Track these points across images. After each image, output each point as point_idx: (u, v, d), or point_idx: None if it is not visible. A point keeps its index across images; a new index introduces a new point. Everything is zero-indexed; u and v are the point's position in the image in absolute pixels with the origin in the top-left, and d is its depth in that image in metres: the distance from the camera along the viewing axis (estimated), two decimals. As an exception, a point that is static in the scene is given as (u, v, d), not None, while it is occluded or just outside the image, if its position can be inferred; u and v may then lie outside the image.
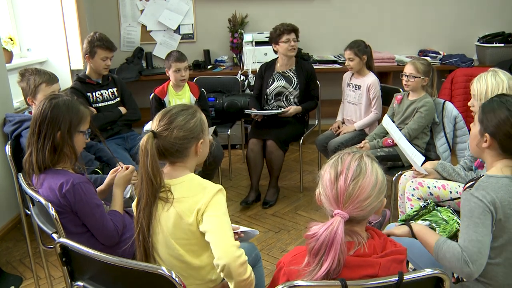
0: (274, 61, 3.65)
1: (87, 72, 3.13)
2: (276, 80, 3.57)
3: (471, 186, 1.56)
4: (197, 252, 1.50)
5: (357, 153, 1.23)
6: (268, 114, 3.46)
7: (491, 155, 1.61)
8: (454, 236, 1.82)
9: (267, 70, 3.65)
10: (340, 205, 1.17)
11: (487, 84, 2.17)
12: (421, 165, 2.48)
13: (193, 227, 1.45)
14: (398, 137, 2.66)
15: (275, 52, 3.59)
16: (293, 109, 3.46)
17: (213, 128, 3.19)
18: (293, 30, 3.47)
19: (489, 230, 1.47)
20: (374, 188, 1.18)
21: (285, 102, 3.58)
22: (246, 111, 3.56)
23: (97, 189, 1.98)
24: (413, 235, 1.67)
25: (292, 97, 3.56)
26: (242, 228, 1.84)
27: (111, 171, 1.99)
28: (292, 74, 3.56)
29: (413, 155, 2.52)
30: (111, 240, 1.78)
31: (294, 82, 3.54)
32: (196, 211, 1.43)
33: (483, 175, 1.59)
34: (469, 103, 2.31)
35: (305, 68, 3.60)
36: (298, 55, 4.69)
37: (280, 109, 3.49)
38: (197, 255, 1.51)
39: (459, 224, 1.82)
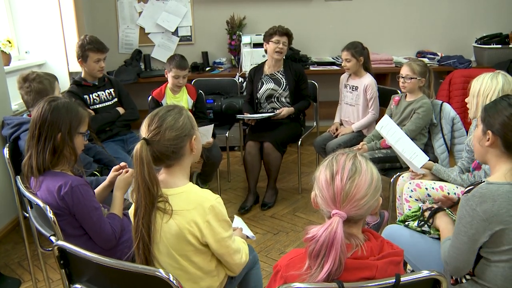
0: (262, 65, 3.65)
1: (82, 75, 3.11)
2: (265, 83, 3.57)
3: (469, 191, 1.54)
4: (198, 263, 1.51)
5: (351, 153, 1.23)
6: (261, 118, 3.46)
7: (494, 154, 1.60)
8: None
9: (256, 74, 3.64)
10: (337, 205, 1.16)
11: (482, 83, 2.21)
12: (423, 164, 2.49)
13: (194, 242, 1.46)
14: (395, 139, 2.66)
15: (266, 51, 3.58)
16: (285, 110, 3.46)
17: (211, 126, 3.17)
18: (286, 33, 3.45)
19: (472, 240, 1.50)
20: (370, 186, 1.18)
21: (277, 103, 3.58)
22: (238, 117, 3.55)
23: (99, 186, 1.97)
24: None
25: (283, 98, 3.56)
26: (244, 231, 1.87)
27: (114, 168, 1.95)
28: (281, 75, 3.56)
29: (415, 155, 2.52)
30: (108, 243, 1.78)
31: (283, 84, 3.53)
32: (196, 228, 1.44)
33: (483, 181, 1.57)
34: (466, 99, 2.34)
35: (293, 68, 3.59)
36: (296, 57, 4.72)
37: (274, 111, 3.49)
38: (198, 267, 1.52)
39: None
